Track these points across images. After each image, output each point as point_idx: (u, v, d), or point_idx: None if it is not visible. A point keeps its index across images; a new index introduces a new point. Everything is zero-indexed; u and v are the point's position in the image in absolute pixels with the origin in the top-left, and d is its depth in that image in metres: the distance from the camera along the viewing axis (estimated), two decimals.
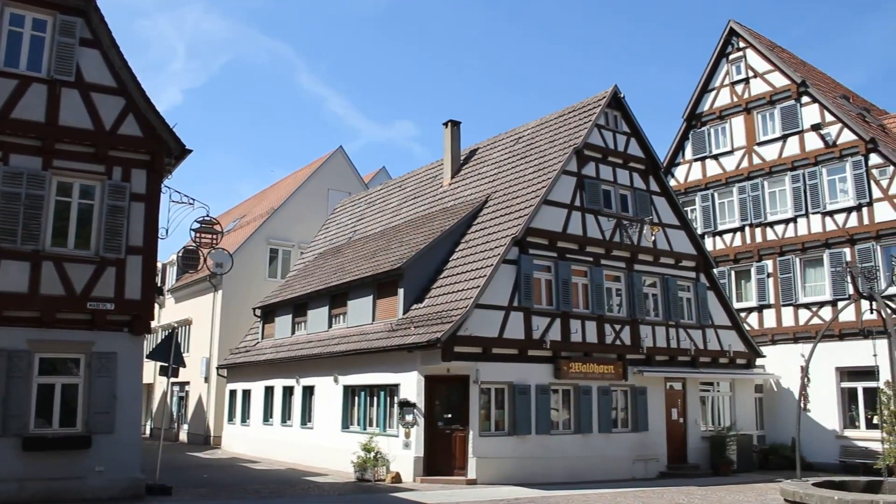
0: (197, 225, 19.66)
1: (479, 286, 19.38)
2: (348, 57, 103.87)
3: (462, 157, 28.74)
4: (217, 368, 31.92)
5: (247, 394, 29.61)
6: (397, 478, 19.27)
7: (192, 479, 19.44)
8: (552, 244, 21.53)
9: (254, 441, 28.21)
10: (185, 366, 19.06)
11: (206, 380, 33.33)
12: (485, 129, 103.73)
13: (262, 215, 37.20)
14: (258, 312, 30.46)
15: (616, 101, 24.07)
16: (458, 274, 21.02)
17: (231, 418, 30.85)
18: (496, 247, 20.56)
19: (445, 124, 28.37)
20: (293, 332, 27.49)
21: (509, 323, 20.13)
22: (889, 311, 11.85)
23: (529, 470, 19.64)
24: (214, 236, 19.94)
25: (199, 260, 20.39)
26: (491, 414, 19.98)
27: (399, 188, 32.03)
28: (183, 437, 35.50)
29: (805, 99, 27.50)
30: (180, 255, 20.12)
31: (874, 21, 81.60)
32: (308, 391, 25.15)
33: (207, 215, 19.52)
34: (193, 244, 20.02)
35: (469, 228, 23.14)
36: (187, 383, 35.19)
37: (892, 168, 24.86)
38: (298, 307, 27.40)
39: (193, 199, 17.95)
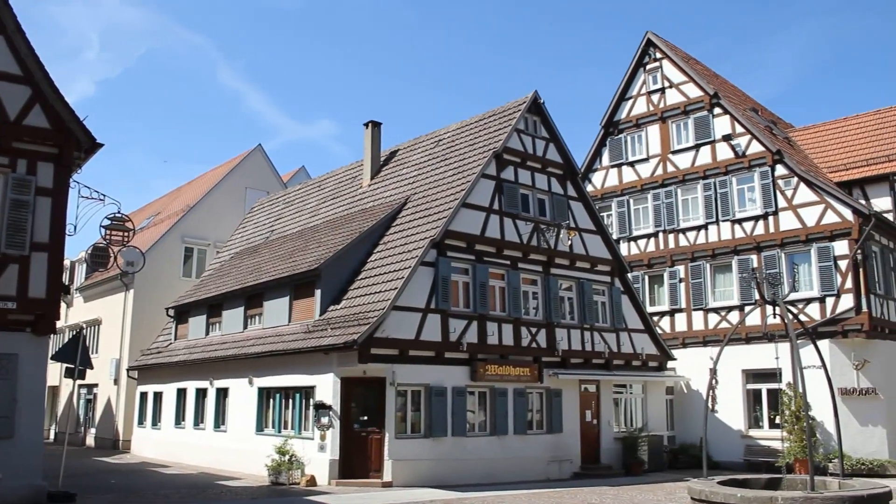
0: (107, 222, 19.02)
1: (396, 288, 19.35)
2: (268, 53, 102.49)
3: (382, 159, 28.67)
4: (127, 370, 31.03)
5: (158, 396, 28.85)
6: (312, 481, 19.06)
7: (99, 484, 18.84)
8: (470, 247, 21.66)
9: (165, 445, 27.50)
10: (92, 367, 18.44)
11: (116, 382, 32.34)
12: (405, 131, 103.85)
13: (177, 213, 36.33)
14: (171, 312, 29.73)
15: (536, 107, 24.39)
16: (376, 275, 20.95)
17: (141, 422, 30.01)
18: (414, 249, 20.57)
19: (366, 125, 28.25)
20: (207, 333, 26.91)
21: (426, 325, 20.15)
22: (790, 315, 12.31)
23: (445, 472, 19.68)
24: (126, 234, 19.33)
25: (109, 258, 19.77)
26: (407, 416, 19.94)
27: (318, 188, 31.74)
28: (90, 441, 34.34)
29: (717, 110, 28.39)
30: (89, 252, 19.42)
31: (783, 38, 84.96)
32: (222, 393, 24.66)
33: (119, 212, 18.94)
34: (103, 242, 19.39)
35: (388, 230, 23.09)
36: (95, 385, 34.07)
37: (795, 179, 25.89)
38: (213, 307, 26.84)
39: (104, 195, 17.39)
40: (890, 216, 26.53)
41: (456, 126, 26.49)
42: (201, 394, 25.91)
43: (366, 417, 19.56)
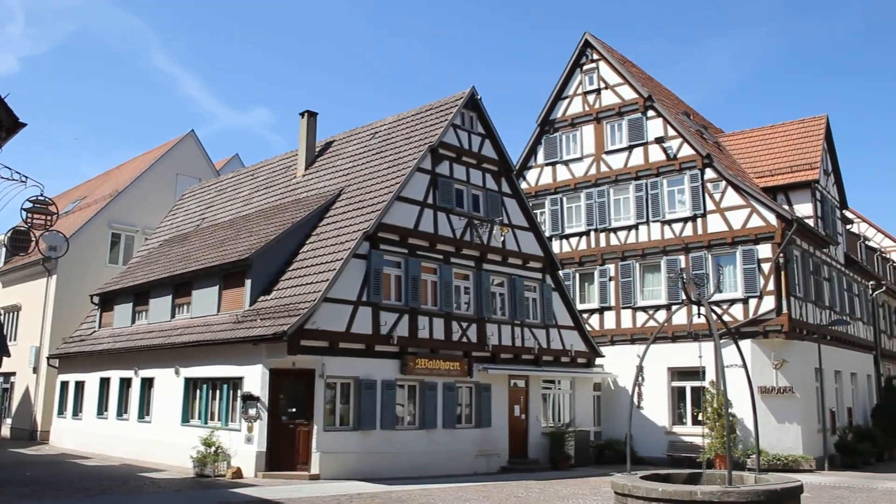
0: (29, 205, 18.37)
1: (328, 280, 19.22)
2: (205, 39, 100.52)
3: (317, 149, 28.42)
4: (48, 358, 30.12)
5: (80, 386, 28.06)
6: (238, 473, 18.80)
7: (14, 477, 18.21)
8: (403, 240, 21.65)
9: (86, 436, 26.76)
10: (9, 355, 17.78)
11: (35, 370, 31.38)
12: (342, 122, 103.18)
13: (105, 198, 35.40)
14: (96, 300, 28.93)
15: (473, 102, 24.48)
16: (307, 266, 20.77)
17: (62, 412, 29.14)
18: (347, 241, 20.46)
19: (302, 114, 27.97)
20: (133, 322, 26.29)
21: (357, 317, 20.08)
22: (714, 316, 12.61)
23: (373, 465, 19.66)
24: (48, 217, 18.70)
25: (29, 242, 19.10)
26: (336, 409, 19.85)
27: (251, 177, 31.29)
28: (6, 432, 33.25)
29: (651, 113, 28.92)
30: (9, 236, 18.75)
31: (716, 46, 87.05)
32: (147, 383, 24.13)
33: (41, 194, 18.30)
34: (24, 225, 18.74)
35: (321, 221, 22.91)
36: (13, 374, 33.01)
37: (724, 183, 26.57)
38: (140, 295, 26.23)
39: (26, 177, 16.80)
40: (811, 222, 27.46)
41: (392, 119, 26.42)
42: (125, 384, 25.31)
43: (294, 409, 19.41)
